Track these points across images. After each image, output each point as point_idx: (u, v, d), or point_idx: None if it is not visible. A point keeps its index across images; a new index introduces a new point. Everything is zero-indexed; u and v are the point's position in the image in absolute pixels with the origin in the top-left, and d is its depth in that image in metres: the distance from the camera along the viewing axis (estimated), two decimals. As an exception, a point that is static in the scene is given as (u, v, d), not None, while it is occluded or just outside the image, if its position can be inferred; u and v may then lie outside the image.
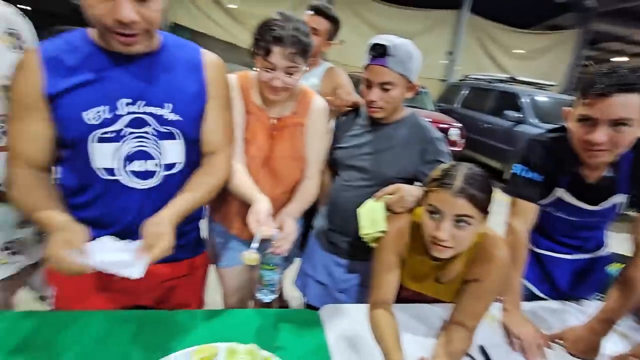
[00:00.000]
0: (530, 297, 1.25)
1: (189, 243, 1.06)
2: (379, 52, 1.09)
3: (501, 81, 6.63)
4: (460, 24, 9.24)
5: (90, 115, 0.81)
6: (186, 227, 1.01)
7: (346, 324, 1.00)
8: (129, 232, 0.90)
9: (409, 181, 1.18)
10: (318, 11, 1.66)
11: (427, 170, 1.12)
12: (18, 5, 0.96)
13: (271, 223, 0.96)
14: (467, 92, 6.97)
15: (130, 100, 0.84)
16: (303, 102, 1.19)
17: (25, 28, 0.95)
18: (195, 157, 0.97)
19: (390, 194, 1.07)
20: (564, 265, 1.25)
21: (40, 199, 0.82)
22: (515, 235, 1.10)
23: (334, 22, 1.69)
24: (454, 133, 5.62)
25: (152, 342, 0.84)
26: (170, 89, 0.88)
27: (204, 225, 1.18)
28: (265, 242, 0.95)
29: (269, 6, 8.35)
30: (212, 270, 1.26)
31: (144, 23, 0.76)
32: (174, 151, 0.91)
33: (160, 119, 0.87)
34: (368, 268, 1.08)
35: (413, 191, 1.06)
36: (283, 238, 0.98)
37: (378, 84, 1.12)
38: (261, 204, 0.98)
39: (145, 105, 0.85)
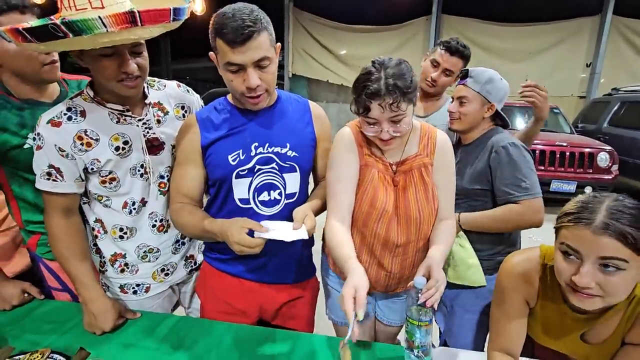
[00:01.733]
0: None
1: (303, 265, 1.21)
2: (463, 74, 1.40)
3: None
4: (602, 29, 7.88)
5: (232, 158, 1.05)
6: (302, 250, 1.18)
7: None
8: (255, 254, 1.08)
9: (485, 192, 1.33)
10: (455, 52, 1.57)
11: (498, 181, 1.28)
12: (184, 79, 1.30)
13: (365, 301, 0.84)
14: (617, 107, 5.78)
15: (257, 144, 1.07)
16: (426, 140, 1.12)
17: (192, 100, 1.24)
18: (307, 188, 1.17)
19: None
20: None
21: (198, 214, 1.07)
22: None
23: (468, 59, 1.63)
24: (604, 158, 4.67)
25: (273, 357, 0.94)
26: (287, 131, 1.10)
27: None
28: (412, 294, 0.87)
29: (375, 46, 8.79)
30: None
31: (264, 85, 1.00)
32: (293, 182, 1.11)
33: (281, 156, 1.09)
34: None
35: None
36: (432, 287, 0.87)
37: (457, 98, 1.38)
38: (359, 278, 0.86)
39: (269, 146, 1.07)
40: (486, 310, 1.37)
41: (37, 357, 0.90)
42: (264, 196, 1.08)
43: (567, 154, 4.68)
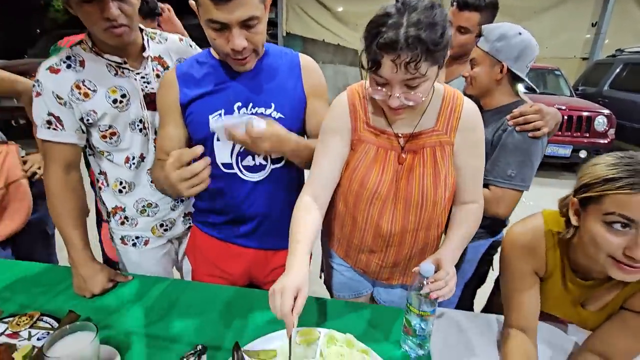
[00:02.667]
0: None
1: None
2: (478, 34, 1.26)
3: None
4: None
5: (213, 119, 0.98)
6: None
7: (452, 330, 0.94)
8: (242, 219, 1.10)
9: None
10: (464, 6, 1.37)
11: (491, 159, 1.18)
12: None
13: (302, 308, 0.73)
14: (619, 69, 5.65)
15: (240, 104, 1.00)
16: (448, 113, 0.90)
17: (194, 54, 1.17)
18: None
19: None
20: None
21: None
22: None
23: (491, 7, 1.39)
24: (601, 122, 4.62)
25: (262, 319, 0.95)
26: (273, 91, 1.02)
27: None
28: (418, 281, 0.80)
29: (376, 2, 8.33)
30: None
31: (252, 46, 0.92)
32: None
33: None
34: None
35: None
36: (441, 279, 0.80)
37: (469, 61, 1.26)
38: (302, 278, 0.74)
39: (253, 107, 1.00)
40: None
41: (26, 320, 0.89)
42: (248, 161, 1.03)
43: (565, 117, 4.61)
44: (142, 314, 0.97)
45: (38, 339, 0.86)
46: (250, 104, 1.00)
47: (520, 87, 1.32)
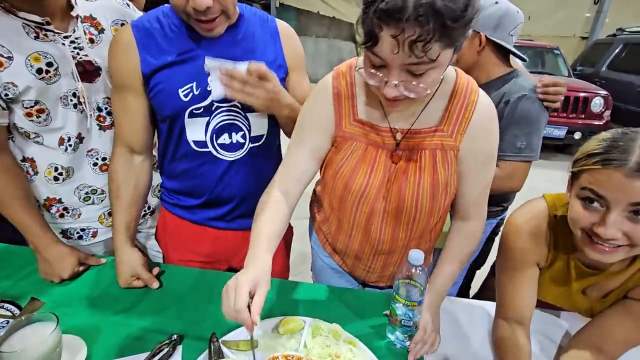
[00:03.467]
0: None
1: None
2: None
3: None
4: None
5: (183, 93, 0.87)
6: None
7: (444, 318, 0.89)
8: (217, 201, 1.01)
9: None
10: None
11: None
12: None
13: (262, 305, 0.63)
14: (618, 50, 5.55)
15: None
16: (457, 110, 0.75)
17: (134, 16, 1.03)
18: (276, 129, 1.01)
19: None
20: None
21: (120, 204, 0.94)
22: None
23: None
24: (598, 103, 4.58)
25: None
26: (252, 59, 0.88)
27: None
28: (406, 270, 0.76)
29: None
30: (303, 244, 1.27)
31: (219, 5, 0.78)
32: (259, 123, 0.95)
33: None
34: None
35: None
36: (421, 341, 0.77)
37: None
38: (262, 273, 0.65)
39: None
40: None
41: (-16, 307, 0.82)
42: (224, 139, 0.93)
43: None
44: (113, 300, 0.90)
45: (-2, 328, 0.79)
46: None
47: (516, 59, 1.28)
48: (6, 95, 0.84)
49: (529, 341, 0.78)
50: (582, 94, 4.57)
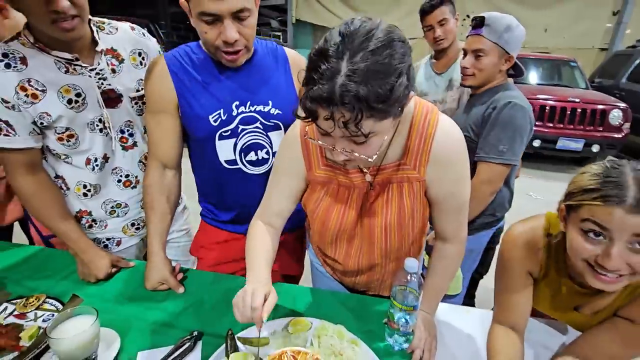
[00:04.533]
0: None
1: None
2: (477, 23, 1.22)
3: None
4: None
5: (213, 119, 0.99)
6: None
7: (442, 325, 0.95)
8: (249, 213, 1.08)
9: (471, 141, 1.28)
10: (429, 8, 1.60)
11: (482, 136, 1.24)
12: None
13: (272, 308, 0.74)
14: (639, 61, 5.45)
15: (238, 102, 1.01)
16: (417, 144, 0.77)
17: (149, 45, 1.13)
18: None
19: None
20: None
21: (154, 220, 1.04)
22: None
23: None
24: (616, 116, 4.51)
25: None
26: (268, 87, 1.03)
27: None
28: (402, 277, 0.82)
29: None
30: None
31: (243, 40, 0.91)
32: (279, 140, 1.04)
33: (265, 115, 1.03)
34: None
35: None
36: (417, 347, 0.84)
37: (471, 51, 1.24)
38: (269, 287, 0.76)
39: (251, 104, 1.02)
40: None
41: (33, 301, 0.94)
42: (251, 156, 1.05)
43: (579, 110, 4.51)
44: (142, 299, 1.01)
45: (43, 320, 0.90)
46: (248, 102, 1.01)
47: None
48: (41, 123, 0.94)
49: (522, 346, 0.83)
50: (600, 107, 4.51)
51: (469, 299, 1.75)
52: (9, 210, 1.41)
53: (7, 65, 0.88)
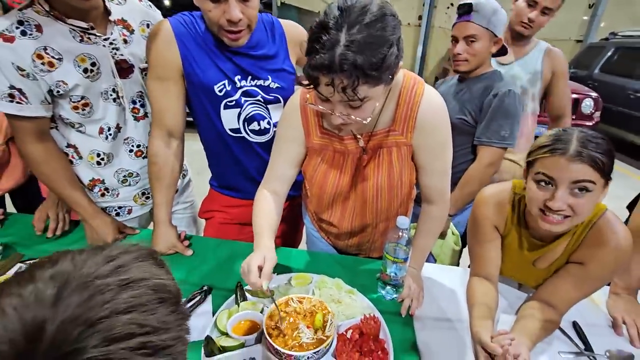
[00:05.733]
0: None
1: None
2: (465, 10, 1.26)
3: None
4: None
5: (218, 89, 1.04)
6: None
7: (427, 283, 1.06)
8: (255, 178, 1.16)
9: (468, 125, 1.35)
10: None
11: (484, 122, 1.31)
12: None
13: (270, 273, 0.82)
14: (610, 53, 5.71)
15: (240, 77, 1.05)
16: (405, 111, 0.86)
17: (156, 16, 1.15)
18: None
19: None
20: None
21: (160, 189, 1.10)
22: None
23: None
24: (588, 105, 4.74)
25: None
26: (267, 63, 1.07)
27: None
28: (394, 232, 0.91)
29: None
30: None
31: (246, 19, 0.94)
32: (279, 112, 1.10)
33: (265, 89, 1.08)
34: None
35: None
36: (407, 296, 0.94)
37: (463, 38, 1.28)
38: (268, 252, 0.84)
39: (252, 79, 1.06)
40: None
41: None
42: (254, 126, 1.11)
43: (554, 99, 4.71)
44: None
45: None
46: (249, 77, 1.06)
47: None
48: (57, 92, 0.95)
49: (496, 293, 0.95)
50: (573, 96, 4.73)
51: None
52: (4, 179, 1.43)
53: (23, 33, 0.89)
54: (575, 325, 0.93)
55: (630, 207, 1.28)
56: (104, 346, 0.30)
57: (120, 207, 1.22)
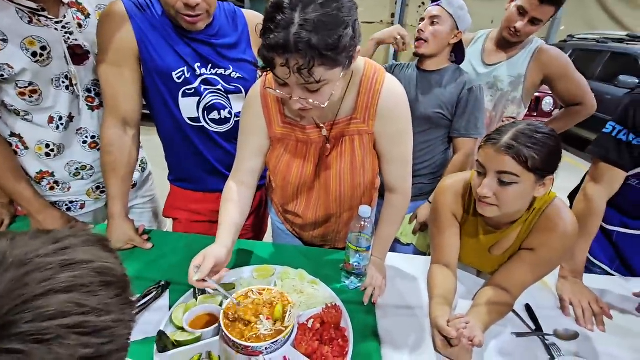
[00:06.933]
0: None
1: None
2: None
3: (617, 40, 5.59)
4: (570, -27, 7.82)
5: (176, 76, 0.99)
6: None
7: (391, 272, 1.07)
8: (216, 168, 1.14)
9: (445, 119, 1.38)
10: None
11: (461, 116, 1.34)
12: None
13: (207, 270, 0.78)
14: (568, 55, 6.01)
15: (199, 64, 1.01)
16: (366, 99, 0.86)
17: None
18: None
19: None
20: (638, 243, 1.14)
21: (115, 182, 1.04)
22: (589, 204, 1.03)
23: (560, 4, 1.39)
24: (548, 102, 5.02)
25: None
26: (228, 52, 1.04)
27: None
28: (356, 222, 0.91)
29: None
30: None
31: (205, 4, 0.90)
32: (239, 103, 1.06)
33: (226, 78, 1.05)
34: None
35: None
36: (369, 285, 0.95)
37: (429, 17, 1.33)
38: (216, 250, 0.81)
39: (213, 67, 1.03)
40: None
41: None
42: (214, 115, 1.08)
43: (517, 97, 4.94)
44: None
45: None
46: (209, 65, 1.02)
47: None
48: (1, 75, 0.89)
49: (455, 279, 0.97)
50: (535, 94, 4.97)
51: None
52: None
53: None
54: (527, 307, 0.97)
55: (572, 196, 1.35)
56: (38, 322, 0.31)
57: (71, 202, 1.15)
